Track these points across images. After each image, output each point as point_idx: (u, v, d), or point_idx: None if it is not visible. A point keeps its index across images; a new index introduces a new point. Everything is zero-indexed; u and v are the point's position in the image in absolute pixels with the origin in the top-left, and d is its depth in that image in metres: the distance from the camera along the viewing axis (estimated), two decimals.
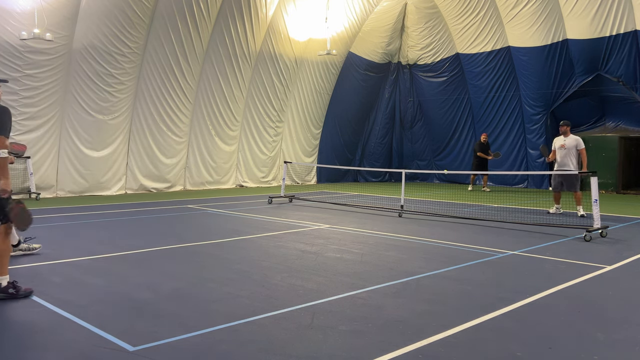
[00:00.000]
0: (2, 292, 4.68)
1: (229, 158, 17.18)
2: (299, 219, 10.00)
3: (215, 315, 4.32)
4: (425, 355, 3.55)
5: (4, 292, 4.68)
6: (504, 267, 6.27)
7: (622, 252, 7.15)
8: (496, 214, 10.95)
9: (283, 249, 7.09)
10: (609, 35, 15.99)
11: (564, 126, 10.97)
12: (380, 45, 20.40)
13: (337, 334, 3.91)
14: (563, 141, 10.89)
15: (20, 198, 7.23)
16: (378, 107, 21.60)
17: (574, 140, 10.81)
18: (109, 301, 4.72)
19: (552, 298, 4.92)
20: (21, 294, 4.75)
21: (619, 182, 17.32)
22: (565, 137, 10.90)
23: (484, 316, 4.33)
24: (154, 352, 3.56)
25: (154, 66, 14.69)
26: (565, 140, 10.87)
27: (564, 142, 10.86)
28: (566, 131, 10.92)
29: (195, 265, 6.17)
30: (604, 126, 17.98)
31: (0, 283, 4.69)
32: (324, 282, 5.40)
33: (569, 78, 17.36)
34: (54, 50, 12.83)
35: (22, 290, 4.78)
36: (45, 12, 12.23)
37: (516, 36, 17.92)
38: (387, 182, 21.36)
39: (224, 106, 16.64)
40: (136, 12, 13.70)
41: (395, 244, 7.57)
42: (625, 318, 4.42)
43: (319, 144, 20.05)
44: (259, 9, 16.22)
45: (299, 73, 18.47)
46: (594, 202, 8.36)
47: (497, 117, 19.32)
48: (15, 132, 12.80)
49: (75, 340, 3.78)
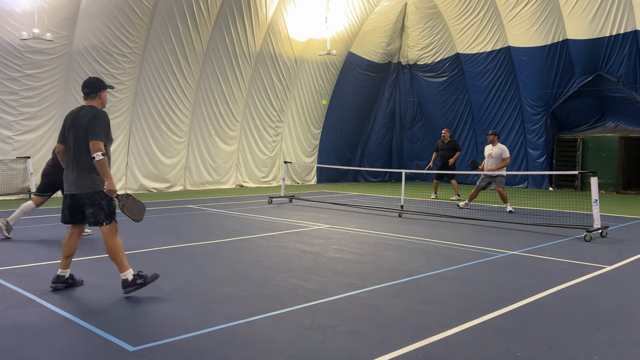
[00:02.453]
0: (131, 286, 4.78)
1: (229, 158, 17.18)
2: (299, 219, 10.00)
3: (215, 315, 4.32)
4: (425, 355, 3.55)
5: (134, 285, 4.79)
6: (504, 267, 6.27)
7: (622, 252, 7.15)
8: (496, 214, 10.95)
9: (283, 249, 7.09)
10: (609, 35, 15.99)
11: (491, 135, 11.72)
12: (380, 45, 20.40)
13: (337, 334, 3.91)
14: (491, 150, 11.59)
15: (126, 192, 8.09)
16: (378, 107, 21.60)
17: (499, 149, 11.47)
18: (109, 301, 4.71)
19: (552, 298, 4.92)
20: (149, 280, 4.87)
21: (619, 182, 17.32)
22: (494, 146, 11.58)
23: (484, 316, 4.33)
24: (154, 352, 3.56)
25: (154, 66, 14.69)
26: (493, 149, 11.55)
27: (491, 151, 11.55)
28: (493, 140, 11.63)
29: (195, 265, 6.17)
30: (604, 126, 17.98)
31: (126, 279, 4.78)
32: (324, 282, 5.40)
33: (569, 78, 17.36)
34: (54, 50, 12.83)
35: (149, 277, 4.89)
36: (46, 12, 12.23)
37: (516, 36, 17.92)
38: (387, 182, 21.36)
39: (224, 106, 16.64)
40: (136, 12, 13.70)
41: (395, 244, 7.57)
42: (625, 318, 4.42)
43: (319, 144, 20.06)
44: (259, 9, 16.22)
45: (299, 73, 18.47)
46: (594, 202, 8.36)
47: (497, 117, 19.31)
48: (16, 132, 12.81)
49: (75, 341, 3.78)
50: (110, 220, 4.86)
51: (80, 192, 4.80)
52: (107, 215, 4.83)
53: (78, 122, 4.81)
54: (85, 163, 4.78)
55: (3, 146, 12.68)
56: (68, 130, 4.89)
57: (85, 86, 5.00)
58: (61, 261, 5.03)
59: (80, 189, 4.80)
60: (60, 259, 5.04)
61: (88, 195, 4.79)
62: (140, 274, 4.85)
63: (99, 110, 4.93)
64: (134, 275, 4.82)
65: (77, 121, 4.84)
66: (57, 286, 4.97)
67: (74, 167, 4.82)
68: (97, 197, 4.79)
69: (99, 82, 5.06)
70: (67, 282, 5.03)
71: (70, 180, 4.85)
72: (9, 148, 12.78)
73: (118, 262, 4.81)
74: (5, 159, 12.79)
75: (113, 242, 4.82)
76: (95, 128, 4.72)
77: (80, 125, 4.79)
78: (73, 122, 4.87)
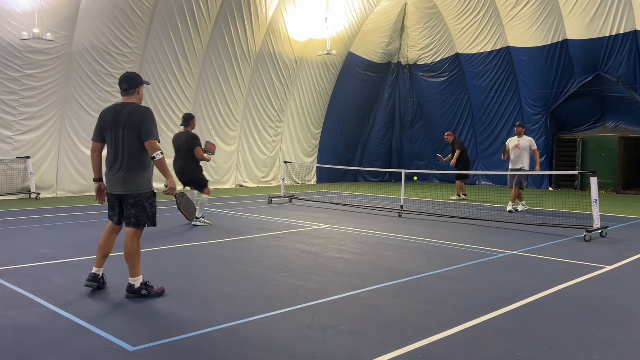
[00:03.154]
0: (136, 294, 4.73)
1: (229, 158, 17.18)
2: (299, 219, 10.00)
3: (215, 315, 4.32)
4: (425, 355, 3.55)
5: (138, 294, 4.72)
6: (504, 267, 6.27)
7: (622, 252, 7.15)
8: (496, 214, 10.95)
9: (283, 249, 7.09)
10: (609, 35, 16.00)
11: (519, 127, 11.59)
12: (380, 45, 20.40)
13: (337, 334, 3.91)
14: (517, 142, 11.45)
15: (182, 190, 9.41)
16: (378, 107, 21.61)
17: (527, 141, 11.39)
18: (109, 301, 4.71)
19: (552, 298, 4.92)
20: (153, 294, 4.77)
21: (619, 182, 17.32)
22: (520, 138, 11.46)
23: (484, 316, 4.33)
24: (154, 352, 3.56)
25: (154, 66, 14.70)
26: (520, 140, 11.42)
27: (519, 143, 11.41)
28: (521, 132, 11.51)
29: (195, 265, 6.17)
30: (604, 126, 17.98)
31: (133, 285, 4.73)
32: (324, 282, 5.40)
33: (569, 78, 17.36)
34: (54, 50, 12.83)
35: (155, 290, 4.80)
36: (46, 12, 12.23)
37: (516, 36, 17.93)
38: (387, 182, 21.36)
39: (224, 106, 16.64)
40: (136, 12, 13.70)
41: (395, 244, 7.57)
42: (625, 318, 4.42)
43: (319, 144, 20.06)
44: (259, 9, 16.22)
45: (299, 73, 18.48)
46: (594, 202, 8.36)
47: (497, 117, 19.32)
48: (16, 132, 12.82)
49: (75, 341, 3.78)
50: (152, 223, 4.81)
51: (127, 193, 4.70)
52: (149, 217, 4.77)
53: (124, 121, 4.66)
54: (136, 163, 4.69)
55: (3, 146, 12.68)
56: (109, 129, 4.73)
57: (123, 81, 4.84)
58: (97, 260, 4.94)
59: (127, 190, 4.70)
60: (96, 258, 4.96)
61: (133, 196, 4.70)
62: (148, 284, 4.80)
63: (144, 108, 4.79)
64: (142, 285, 4.76)
65: (121, 120, 4.67)
66: (91, 284, 4.88)
67: (122, 168, 4.69)
68: (142, 199, 4.72)
69: (137, 77, 4.91)
70: (99, 282, 4.95)
71: (118, 181, 4.71)
72: (9, 148, 12.78)
73: (132, 266, 4.74)
74: (5, 159, 12.79)
75: (136, 244, 4.76)
76: (148, 127, 4.63)
77: (128, 124, 4.64)
78: (116, 121, 4.70)
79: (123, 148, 4.69)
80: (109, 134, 4.75)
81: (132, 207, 4.71)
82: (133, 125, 4.64)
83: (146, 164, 4.78)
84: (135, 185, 4.71)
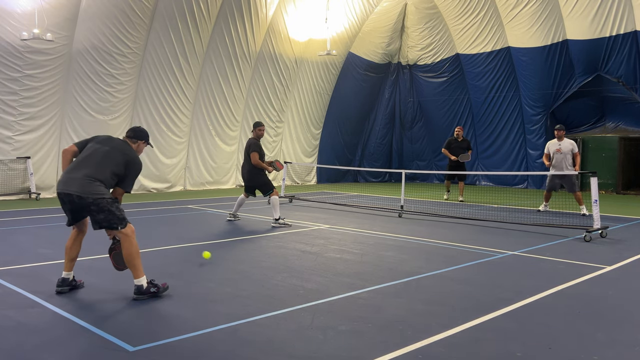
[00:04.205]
0: (145, 294, 4.74)
1: (229, 158, 17.19)
2: (299, 219, 10.00)
3: (215, 315, 4.32)
4: (425, 355, 3.55)
5: (148, 293, 4.75)
6: (504, 267, 6.27)
7: (622, 252, 7.15)
8: (496, 214, 10.95)
9: (283, 249, 7.09)
10: (609, 35, 15.99)
11: (560, 130, 11.12)
12: (380, 45, 20.41)
13: (337, 334, 3.91)
14: (559, 145, 11.03)
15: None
16: (378, 107, 21.61)
17: (569, 144, 10.97)
18: (109, 301, 4.72)
19: (552, 298, 4.92)
20: (161, 290, 4.85)
21: (619, 183, 17.32)
22: (560, 142, 11.04)
23: (484, 316, 4.33)
24: (154, 352, 3.56)
25: (154, 66, 14.70)
26: (561, 144, 11.01)
27: (560, 147, 11.00)
28: (561, 136, 11.07)
29: (195, 265, 6.17)
30: (604, 126, 17.98)
31: (141, 285, 4.75)
32: (324, 282, 5.40)
33: (569, 78, 17.36)
34: (54, 50, 12.83)
35: (161, 286, 4.87)
36: (46, 13, 12.23)
37: (516, 36, 17.93)
38: (387, 182, 21.36)
39: (224, 106, 16.65)
40: (136, 12, 13.70)
41: (395, 244, 7.57)
42: (625, 318, 4.42)
43: (319, 144, 20.06)
44: (259, 9, 16.23)
45: (299, 73, 18.48)
46: (593, 203, 8.36)
47: (497, 118, 19.32)
48: (16, 132, 12.82)
49: (75, 341, 3.78)
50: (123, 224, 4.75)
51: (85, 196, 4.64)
52: (119, 218, 4.74)
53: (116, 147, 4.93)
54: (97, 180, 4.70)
55: (3, 146, 12.69)
56: (95, 142, 4.96)
57: (131, 130, 5.24)
58: (65, 264, 4.98)
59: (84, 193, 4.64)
60: (64, 262, 4.98)
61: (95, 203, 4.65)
62: (153, 283, 4.82)
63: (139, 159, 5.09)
64: (149, 283, 4.78)
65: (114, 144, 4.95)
66: (62, 289, 4.91)
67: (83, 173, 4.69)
68: (104, 203, 4.69)
69: (145, 134, 5.29)
70: (71, 285, 5.01)
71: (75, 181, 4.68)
72: (9, 148, 12.78)
73: (134, 267, 4.74)
74: (5, 159, 12.79)
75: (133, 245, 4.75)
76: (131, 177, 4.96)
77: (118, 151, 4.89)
78: (108, 141, 4.98)
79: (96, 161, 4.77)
80: (92, 144, 4.95)
81: (98, 212, 4.66)
82: (121, 158, 4.87)
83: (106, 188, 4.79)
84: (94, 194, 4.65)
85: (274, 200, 9.18)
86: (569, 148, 10.93)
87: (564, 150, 10.93)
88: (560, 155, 10.95)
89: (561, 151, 10.94)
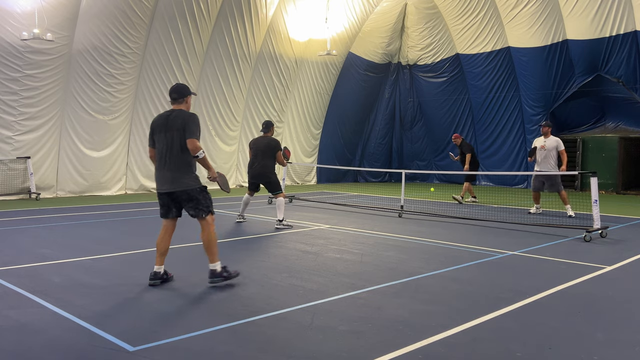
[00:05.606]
0: (219, 277, 5.16)
1: (229, 158, 17.18)
2: (299, 219, 10.00)
3: (215, 315, 4.32)
4: (425, 355, 3.55)
5: (220, 276, 5.16)
6: (504, 267, 6.27)
7: (622, 252, 7.15)
8: (496, 214, 10.95)
9: (283, 249, 7.09)
10: (609, 35, 15.99)
11: (546, 127, 10.96)
12: (380, 45, 20.41)
13: (337, 334, 3.91)
14: (543, 142, 10.88)
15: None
16: (378, 107, 21.61)
17: (554, 142, 10.80)
18: (109, 301, 4.71)
19: (552, 298, 4.92)
20: (232, 275, 5.26)
21: (619, 183, 17.32)
22: (546, 138, 10.89)
23: (484, 316, 4.33)
24: (154, 352, 3.56)
25: (154, 66, 14.70)
26: (546, 141, 10.86)
27: (544, 143, 10.85)
28: (547, 132, 10.90)
29: (195, 265, 6.16)
30: (604, 126, 17.99)
31: (215, 269, 5.17)
32: (324, 282, 5.40)
33: (569, 78, 17.36)
34: (55, 50, 12.83)
35: (233, 272, 5.28)
36: (46, 13, 12.23)
37: (516, 37, 17.93)
38: (387, 182, 21.36)
39: (224, 106, 16.65)
40: (136, 12, 13.70)
41: (395, 244, 7.57)
42: (625, 318, 4.42)
43: (319, 144, 20.06)
44: (259, 9, 16.23)
45: (299, 73, 18.48)
46: (593, 203, 8.35)
47: (497, 118, 19.32)
48: (16, 132, 12.82)
49: (75, 340, 3.78)
50: (209, 212, 5.20)
51: (178, 190, 5.12)
52: (206, 207, 5.18)
53: (171, 125, 5.10)
54: (181, 163, 5.10)
55: (3, 146, 12.69)
56: (157, 132, 5.18)
57: (173, 91, 5.30)
58: (157, 258, 5.26)
59: (177, 187, 5.12)
60: (156, 256, 5.27)
61: (186, 192, 5.12)
62: (226, 269, 5.20)
63: (190, 112, 5.23)
64: (222, 268, 5.16)
65: (169, 123, 5.12)
66: (154, 282, 5.17)
67: (169, 167, 5.11)
68: (194, 193, 5.14)
69: (186, 88, 5.36)
70: (162, 278, 5.24)
71: (167, 179, 5.13)
72: (9, 148, 12.79)
73: (211, 253, 5.14)
74: (5, 159, 12.79)
75: (212, 234, 5.17)
76: (190, 127, 5.05)
77: (174, 127, 5.07)
78: (164, 125, 5.15)
79: (168, 149, 5.11)
80: (157, 136, 5.21)
81: (188, 201, 5.15)
82: (178, 127, 5.07)
83: (190, 163, 5.17)
84: (184, 184, 5.12)
85: (280, 202, 9.16)
86: (554, 145, 10.75)
87: (548, 147, 10.76)
88: (544, 152, 10.79)
89: (545, 147, 10.78)
